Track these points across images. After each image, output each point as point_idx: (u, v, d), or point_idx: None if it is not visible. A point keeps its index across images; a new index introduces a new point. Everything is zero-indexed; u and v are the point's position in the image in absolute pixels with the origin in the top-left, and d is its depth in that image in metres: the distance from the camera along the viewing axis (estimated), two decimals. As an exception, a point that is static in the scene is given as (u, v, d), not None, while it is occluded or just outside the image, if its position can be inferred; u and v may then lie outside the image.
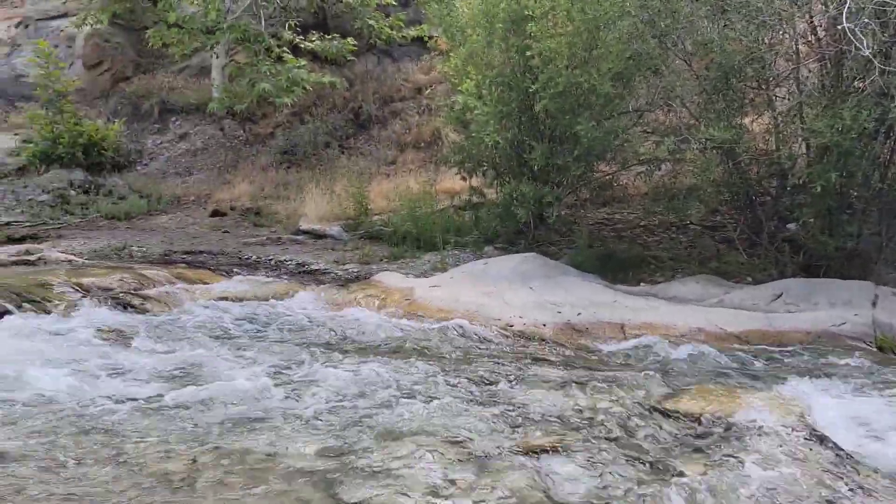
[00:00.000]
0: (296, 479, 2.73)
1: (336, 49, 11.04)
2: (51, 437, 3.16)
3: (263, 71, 10.04)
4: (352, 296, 6.46)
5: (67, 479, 2.75)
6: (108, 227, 9.29)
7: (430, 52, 12.52)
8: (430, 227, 8.24)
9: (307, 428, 3.23)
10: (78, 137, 10.51)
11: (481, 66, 6.98)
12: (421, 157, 11.64)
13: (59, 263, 7.21)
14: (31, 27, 12.96)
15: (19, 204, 9.62)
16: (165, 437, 3.17)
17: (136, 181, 10.66)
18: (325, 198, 9.66)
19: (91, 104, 11.96)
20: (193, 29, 10.54)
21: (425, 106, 12.43)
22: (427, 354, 4.65)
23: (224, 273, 7.38)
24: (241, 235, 9.23)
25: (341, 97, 12.35)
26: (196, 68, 12.81)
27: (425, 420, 3.31)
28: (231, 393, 3.73)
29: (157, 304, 6.05)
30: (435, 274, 7.12)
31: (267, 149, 11.87)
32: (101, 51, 12.44)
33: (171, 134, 12.10)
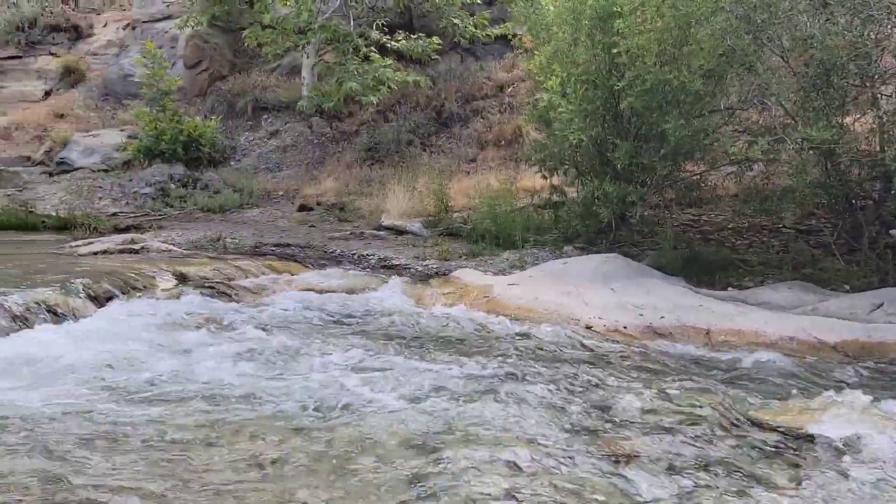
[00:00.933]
0: (380, 469, 2.82)
1: (421, 48, 11.20)
2: (153, 415, 3.38)
3: (351, 70, 10.32)
4: (431, 291, 6.57)
5: (167, 456, 2.95)
6: (203, 219, 9.80)
7: (514, 51, 12.51)
8: (510, 225, 8.26)
9: (390, 419, 3.33)
10: (179, 134, 11.15)
11: (566, 64, 6.93)
12: (501, 155, 11.65)
13: (160, 253, 7.68)
14: (137, 29, 13.81)
15: (125, 196, 10.29)
16: (257, 421, 3.34)
17: (229, 176, 11.19)
18: (406, 195, 9.83)
19: (190, 102, 12.63)
20: (286, 29, 10.96)
21: (507, 104, 12.43)
22: (505, 352, 4.68)
23: (311, 266, 7.65)
24: (327, 230, 9.52)
25: (424, 95, 12.52)
26: (287, 68, 13.29)
27: (505, 419, 3.34)
28: (317, 381, 3.89)
29: (249, 293, 6.34)
30: (513, 272, 7.14)
31: (352, 146, 12.18)
32: (201, 51, 13.11)
33: (262, 131, 12.62)
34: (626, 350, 4.90)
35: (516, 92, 12.47)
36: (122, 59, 13.51)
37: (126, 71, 13.16)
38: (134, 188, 10.46)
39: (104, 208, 9.52)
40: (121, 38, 14.02)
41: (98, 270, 6.19)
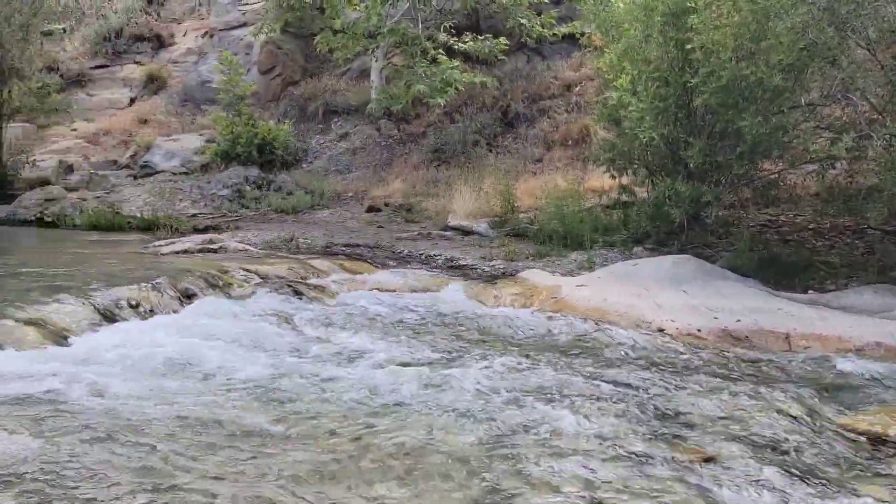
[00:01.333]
0: (453, 468, 2.86)
1: (488, 49, 11.22)
2: (234, 407, 3.53)
3: (419, 72, 10.44)
4: (498, 291, 6.58)
5: (246, 445, 3.07)
6: (277, 219, 10.12)
7: (581, 49, 12.37)
8: (577, 226, 8.19)
9: (462, 419, 3.37)
10: (254, 137, 11.55)
11: (637, 62, 6.82)
12: (568, 154, 11.54)
13: (236, 252, 7.98)
14: (215, 37, 14.38)
15: (203, 197, 10.74)
16: (333, 415, 3.44)
17: (301, 178, 11.51)
18: (472, 195, 9.87)
19: (264, 107, 13.06)
20: (356, 34, 11.19)
21: (574, 103, 12.30)
22: (574, 354, 4.65)
23: (379, 265, 7.79)
24: (394, 230, 9.67)
25: (490, 96, 12.53)
26: (356, 71, 13.56)
27: (578, 420, 3.33)
28: (389, 379, 3.97)
29: (321, 292, 6.52)
30: (581, 273, 7.07)
31: (419, 147, 12.32)
32: (274, 57, 13.54)
33: (332, 134, 12.92)
34: (701, 354, 4.78)
35: (584, 91, 12.32)
36: (200, 66, 14.11)
37: (204, 77, 13.73)
38: (212, 190, 10.91)
39: (184, 209, 9.96)
40: (199, 45, 14.63)
41: (180, 269, 6.48)
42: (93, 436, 3.07)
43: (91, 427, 3.17)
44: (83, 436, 3.06)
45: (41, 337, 4.49)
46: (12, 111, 11.01)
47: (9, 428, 3.09)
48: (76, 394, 3.59)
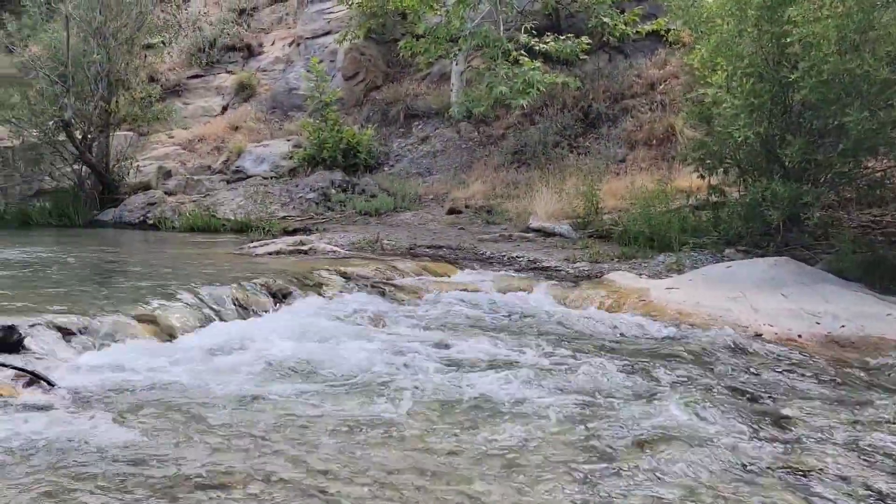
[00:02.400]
0: (552, 469, 2.86)
1: (570, 49, 11.10)
2: (331, 404, 3.64)
3: (501, 74, 10.45)
4: (584, 294, 6.51)
5: (341, 442, 3.17)
6: (361, 221, 10.37)
7: (667, 46, 12.07)
8: (665, 227, 8.00)
9: (559, 421, 3.36)
10: (339, 142, 11.88)
11: (730, 57, 6.60)
12: (652, 154, 11.27)
13: (325, 253, 8.24)
14: (301, 45, 14.87)
15: (291, 201, 11.13)
16: (428, 413, 3.50)
17: (384, 181, 11.74)
18: (553, 196, 9.80)
19: (348, 112, 13.39)
20: (438, 38, 11.32)
21: (658, 102, 11.99)
22: (667, 357, 4.55)
23: (463, 267, 7.86)
24: (476, 232, 9.71)
25: (571, 96, 12.39)
26: (436, 75, 13.71)
27: (678, 425, 3.26)
28: (479, 379, 4.01)
29: (406, 292, 6.64)
30: (670, 275, 6.91)
31: (499, 149, 12.32)
32: (358, 63, 13.87)
33: (413, 137, 13.11)
34: (802, 360, 4.58)
35: (668, 89, 12.01)
36: (287, 73, 14.62)
37: (291, 85, 14.22)
38: (299, 193, 11.29)
39: (274, 212, 10.36)
40: (286, 54, 15.16)
41: (274, 270, 6.75)
42: (198, 427, 3.25)
43: (196, 418, 3.36)
44: (190, 427, 3.25)
45: (151, 333, 4.79)
46: (119, 120, 11.77)
47: (120, 418, 3.32)
48: (182, 387, 3.81)
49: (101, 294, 5.50)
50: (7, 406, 3.41)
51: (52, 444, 2.93)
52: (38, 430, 3.09)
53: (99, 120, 11.47)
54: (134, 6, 11.44)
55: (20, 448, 2.89)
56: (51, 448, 2.90)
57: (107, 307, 4.92)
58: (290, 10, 16.05)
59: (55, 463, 2.76)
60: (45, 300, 5.13)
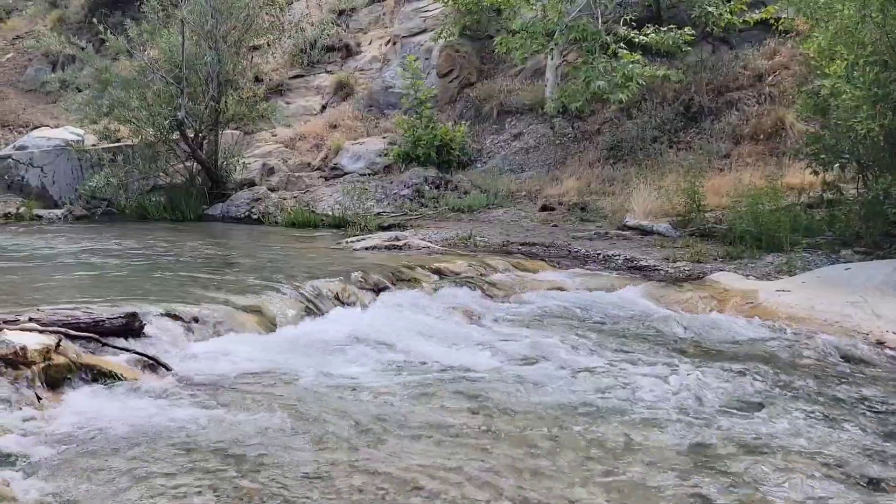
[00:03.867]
0: (655, 473, 2.77)
1: (672, 40, 10.70)
2: (426, 398, 3.67)
3: (599, 68, 10.21)
4: (685, 294, 6.27)
5: (440, 438, 3.19)
6: (454, 218, 10.42)
7: (776, 36, 11.40)
8: (774, 226, 7.57)
9: (660, 423, 3.25)
10: (433, 140, 12.00)
11: (851, 45, 6.15)
12: (759, 150, 10.70)
13: (419, 249, 8.34)
14: (397, 44, 15.11)
15: (386, 197, 11.34)
16: (522, 411, 3.47)
17: (476, 178, 11.75)
18: (652, 193, 9.48)
19: (442, 109, 13.49)
20: (535, 33, 11.19)
21: (766, 94, 11.36)
22: (779, 364, 4.31)
23: (556, 264, 7.75)
24: (569, 229, 9.55)
25: (672, 89, 11.94)
26: (530, 71, 13.57)
27: (790, 435, 3.08)
28: (577, 378, 3.94)
29: (499, 289, 6.61)
30: (780, 277, 6.54)
31: (593, 145, 12.06)
32: (452, 60, 13.94)
33: (506, 134, 13.05)
34: (933, 372, 4.22)
35: (778, 80, 11.35)
36: (384, 72, 14.90)
37: (387, 83, 14.48)
38: (394, 190, 11.48)
39: (370, 208, 10.57)
40: (383, 53, 15.45)
41: (371, 264, 6.90)
42: (302, 415, 3.36)
43: (300, 407, 3.47)
44: (294, 415, 3.37)
45: (257, 323, 5.00)
46: (227, 119, 12.39)
47: (227, 404, 3.47)
48: (285, 376, 3.95)
49: (211, 285, 5.81)
50: (129, 388, 3.65)
51: (166, 425, 3.12)
52: (155, 411, 3.30)
53: (209, 119, 12.11)
54: (243, 10, 11.98)
55: (136, 427, 3.08)
56: (167, 428, 3.08)
57: (217, 297, 5.18)
58: (387, 10, 16.34)
59: (170, 443, 2.93)
60: (161, 290, 5.48)
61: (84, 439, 2.91)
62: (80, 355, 3.80)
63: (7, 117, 16.55)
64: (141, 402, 3.41)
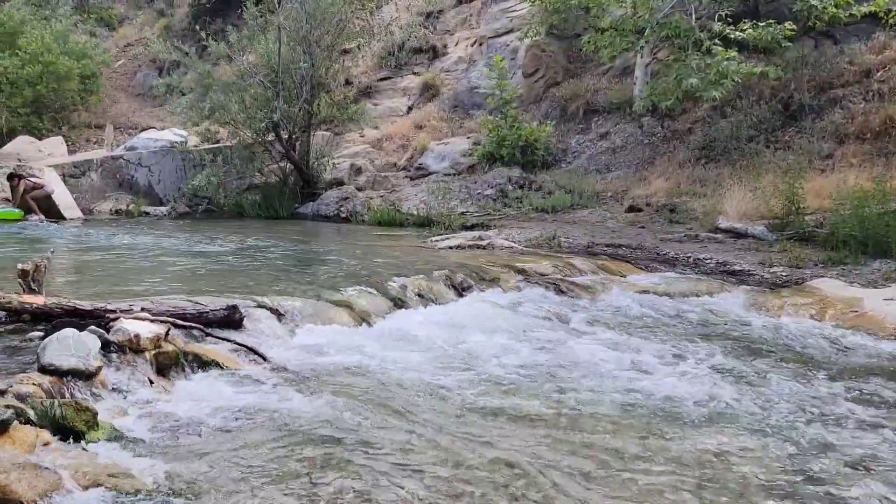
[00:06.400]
0: (751, 487, 2.69)
1: (771, 35, 10.23)
2: (514, 400, 3.69)
3: (692, 66, 9.90)
4: (782, 301, 6.00)
5: (526, 435, 3.20)
6: (537, 218, 10.38)
7: (886, 29, 10.70)
8: (882, 230, 7.14)
9: (758, 436, 3.15)
10: (518, 139, 11.99)
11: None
12: (865, 149, 10.07)
13: (502, 249, 8.36)
14: (483, 45, 15.18)
15: (470, 197, 11.43)
16: (613, 417, 3.43)
17: (560, 178, 11.65)
18: (746, 195, 9.11)
19: (527, 108, 13.45)
20: (625, 30, 10.99)
21: (875, 91, 10.68)
22: (885, 377, 4.06)
23: (643, 267, 7.58)
24: (657, 231, 9.33)
25: (769, 87, 11.41)
26: (618, 69, 13.32)
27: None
28: (673, 386, 3.85)
29: (584, 291, 6.54)
30: (888, 285, 6.16)
31: (684, 144, 11.70)
32: (538, 60, 13.88)
33: (592, 133, 12.86)
34: None
35: (888, 76, 10.64)
36: (470, 73, 15.00)
37: (472, 84, 14.58)
38: (477, 190, 11.56)
39: (454, 208, 10.69)
40: (469, 54, 15.56)
41: (455, 263, 6.99)
42: (389, 409, 3.46)
43: (388, 399, 3.58)
44: (382, 408, 3.47)
45: (347, 317, 5.17)
46: (319, 121, 12.85)
47: (320, 394, 3.62)
48: (374, 369, 4.07)
49: (304, 280, 6.05)
50: (230, 376, 3.87)
51: (266, 411, 3.29)
52: (255, 399, 3.48)
53: (302, 121, 12.59)
54: (335, 14, 12.38)
55: (239, 414, 3.27)
56: (266, 414, 3.25)
57: (309, 292, 5.39)
58: (473, 11, 16.44)
59: (270, 428, 3.10)
60: (258, 284, 5.75)
61: (193, 423, 3.11)
62: (187, 344, 4.06)
63: (119, 120, 17.81)
64: (241, 389, 3.61)
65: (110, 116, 17.90)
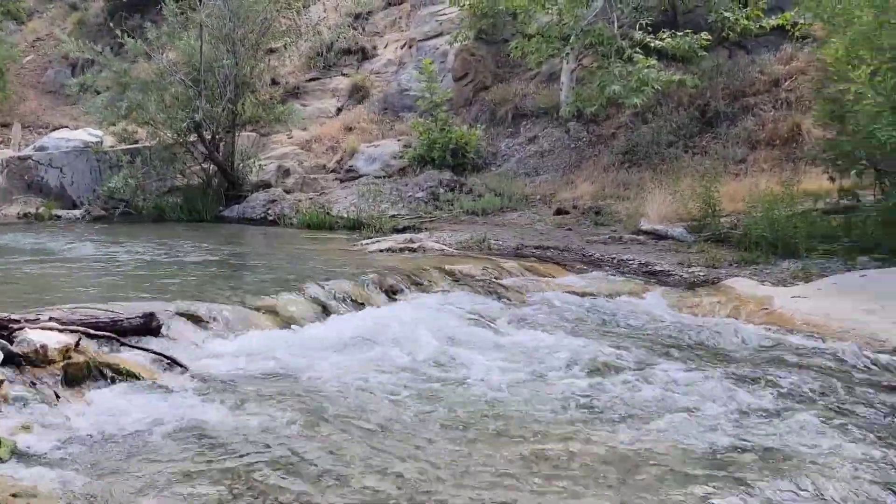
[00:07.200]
0: (665, 479, 2.77)
1: (688, 45, 10.67)
2: (434, 401, 3.68)
3: (614, 73, 10.20)
4: (700, 300, 6.25)
5: (452, 438, 3.20)
6: (468, 221, 10.44)
7: (793, 41, 11.33)
8: (790, 232, 7.53)
9: (673, 429, 3.25)
10: (448, 143, 12.04)
11: (871, 51, 6.12)
12: (775, 155, 10.63)
13: (433, 251, 8.36)
14: (413, 48, 15.18)
15: (401, 200, 11.39)
16: (538, 418, 3.47)
17: (491, 181, 11.77)
18: (667, 198, 9.45)
19: (457, 112, 13.53)
20: (550, 37, 11.21)
21: (783, 100, 11.30)
22: (793, 370, 4.28)
23: (570, 268, 7.74)
24: (583, 233, 9.54)
25: (687, 94, 11.90)
26: (545, 75, 13.58)
27: (804, 443, 3.07)
28: (589, 383, 3.94)
29: (513, 292, 6.62)
30: (796, 283, 6.50)
31: (608, 149, 12.04)
32: (468, 64, 13.98)
33: (521, 137, 13.06)
34: (952, 381, 4.18)
35: (794, 86, 11.28)
36: (400, 75, 14.97)
37: (403, 86, 14.55)
38: (408, 192, 11.53)
39: (384, 210, 10.62)
40: (399, 56, 15.53)
41: (386, 266, 6.94)
42: (315, 417, 3.40)
43: (313, 407, 3.51)
44: (307, 416, 3.40)
45: (272, 323, 5.05)
46: (244, 122, 12.52)
47: (242, 403, 3.52)
48: (299, 375, 3.99)
49: (227, 286, 5.87)
50: (147, 387, 3.70)
51: (181, 423, 3.16)
52: (171, 410, 3.34)
53: (226, 121, 12.24)
54: (260, 13, 12.10)
55: (155, 426, 3.13)
56: (182, 426, 3.13)
57: (233, 298, 5.24)
58: (403, 14, 16.42)
59: (184, 440, 2.98)
60: (178, 290, 5.54)
61: (102, 437, 2.96)
62: (100, 354, 3.86)
63: (27, 118, 16.84)
64: (158, 400, 3.46)
65: (18, 115, 16.91)
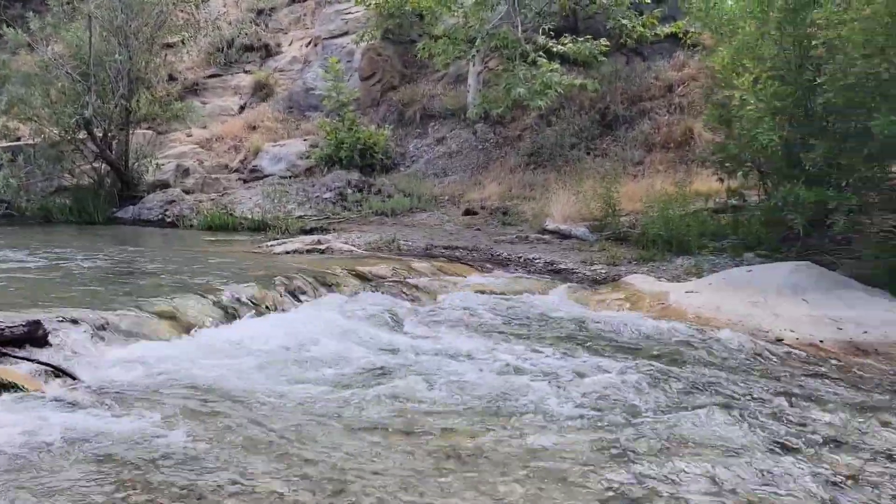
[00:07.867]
0: (571, 471, 2.85)
1: (588, 51, 11.07)
2: (345, 402, 3.63)
3: (519, 76, 10.43)
4: (601, 296, 6.49)
5: (364, 440, 3.17)
6: (377, 222, 10.38)
7: (685, 49, 11.98)
8: (683, 230, 7.96)
9: (577, 422, 3.35)
10: (356, 142, 11.92)
11: (753, 60, 6.55)
12: (670, 157, 11.21)
13: (342, 253, 8.25)
14: (318, 46, 14.92)
15: (308, 200, 11.17)
16: (447, 414, 3.49)
17: (400, 181, 11.75)
18: (570, 198, 9.76)
19: (365, 112, 13.42)
20: (456, 39, 11.32)
21: (676, 104, 11.93)
22: (687, 362, 4.52)
23: (479, 268, 7.85)
24: (492, 233, 9.70)
25: (588, 98, 12.35)
26: (453, 76, 13.71)
27: (700, 431, 3.24)
28: (496, 379, 3.99)
29: (422, 292, 6.64)
30: (689, 279, 6.87)
31: (515, 151, 12.30)
32: (375, 63, 13.90)
33: (430, 138, 13.12)
34: (825, 366, 4.54)
35: (687, 92, 11.93)
36: (305, 73, 14.68)
37: (308, 85, 14.28)
38: (316, 193, 11.33)
39: (291, 211, 10.40)
40: (304, 54, 15.22)
41: (292, 268, 6.77)
42: (217, 422, 3.27)
43: (214, 413, 3.37)
44: (208, 423, 3.26)
45: (171, 329, 4.81)
46: (139, 119, 11.89)
47: (140, 412, 3.34)
48: (200, 382, 3.81)
49: (122, 291, 5.55)
50: (33, 399, 3.44)
51: (69, 437, 2.95)
52: (58, 423, 3.11)
53: (119, 118, 11.58)
54: (155, 5, 11.53)
55: (43, 441, 2.91)
56: (70, 441, 2.92)
57: (128, 303, 4.95)
58: (307, 11, 16.12)
59: (74, 457, 2.78)
60: (69, 297, 5.18)
61: (-22, 456, 2.72)
62: (-25, 366, 3.55)
63: None
64: (43, 413, 3.22)
65: None
